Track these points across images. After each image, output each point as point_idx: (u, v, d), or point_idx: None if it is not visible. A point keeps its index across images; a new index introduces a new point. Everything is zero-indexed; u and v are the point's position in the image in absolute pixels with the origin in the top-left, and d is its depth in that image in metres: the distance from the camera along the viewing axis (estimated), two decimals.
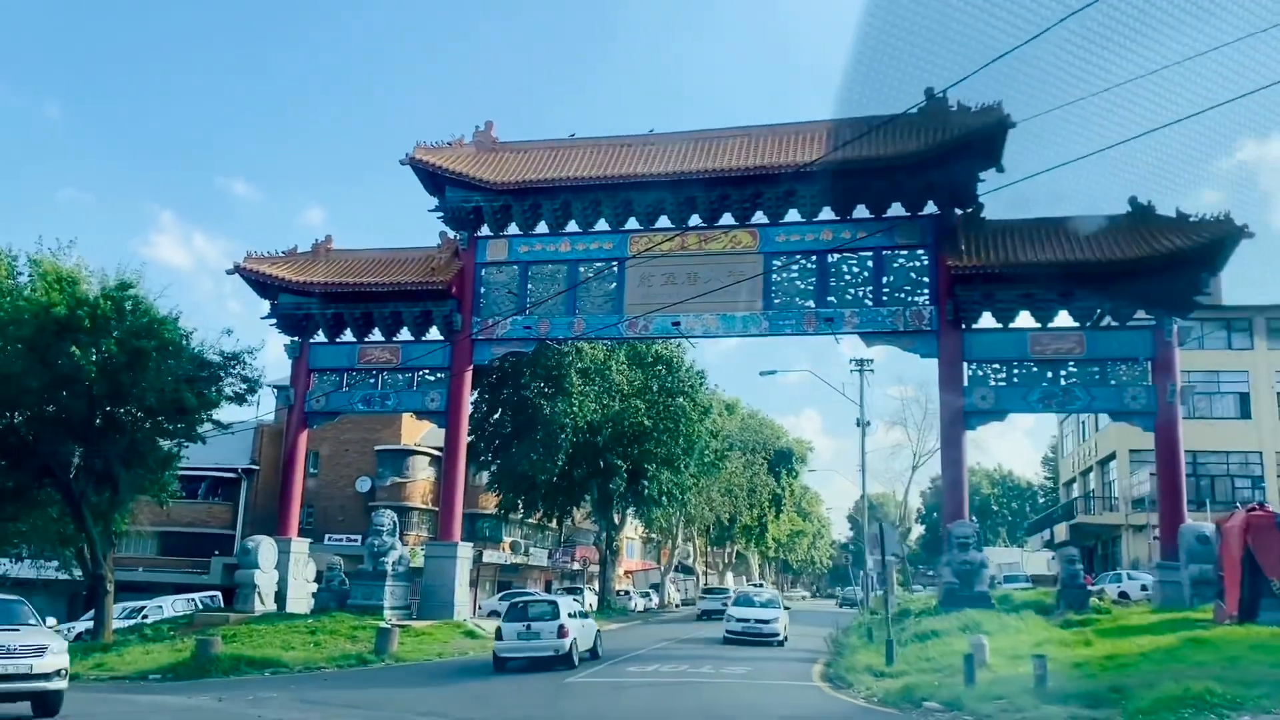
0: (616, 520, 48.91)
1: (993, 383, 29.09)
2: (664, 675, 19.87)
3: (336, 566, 32.07)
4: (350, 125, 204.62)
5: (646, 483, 44.58)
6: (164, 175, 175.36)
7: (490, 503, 52.58)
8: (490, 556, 56.29)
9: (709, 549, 75.80)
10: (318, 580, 33.52)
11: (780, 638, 29.85)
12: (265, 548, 30.98)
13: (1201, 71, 12.38)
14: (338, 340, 34.03)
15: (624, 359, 45.34)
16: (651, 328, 31.52)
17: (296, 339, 33.86)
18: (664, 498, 46.20)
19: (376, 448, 55.39)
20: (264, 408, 51.96)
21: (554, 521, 51.56)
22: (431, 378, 33.01)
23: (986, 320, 29.48)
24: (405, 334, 33.60)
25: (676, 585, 69.61)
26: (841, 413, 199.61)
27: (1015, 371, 29.02)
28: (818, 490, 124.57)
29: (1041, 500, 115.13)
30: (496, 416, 44.38)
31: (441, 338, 33.04)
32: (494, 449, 44.66)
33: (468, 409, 32.86)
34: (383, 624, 25.96)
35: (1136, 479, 50.34)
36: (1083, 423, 61.08)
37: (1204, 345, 51.87)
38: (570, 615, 22.89)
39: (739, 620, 30.22)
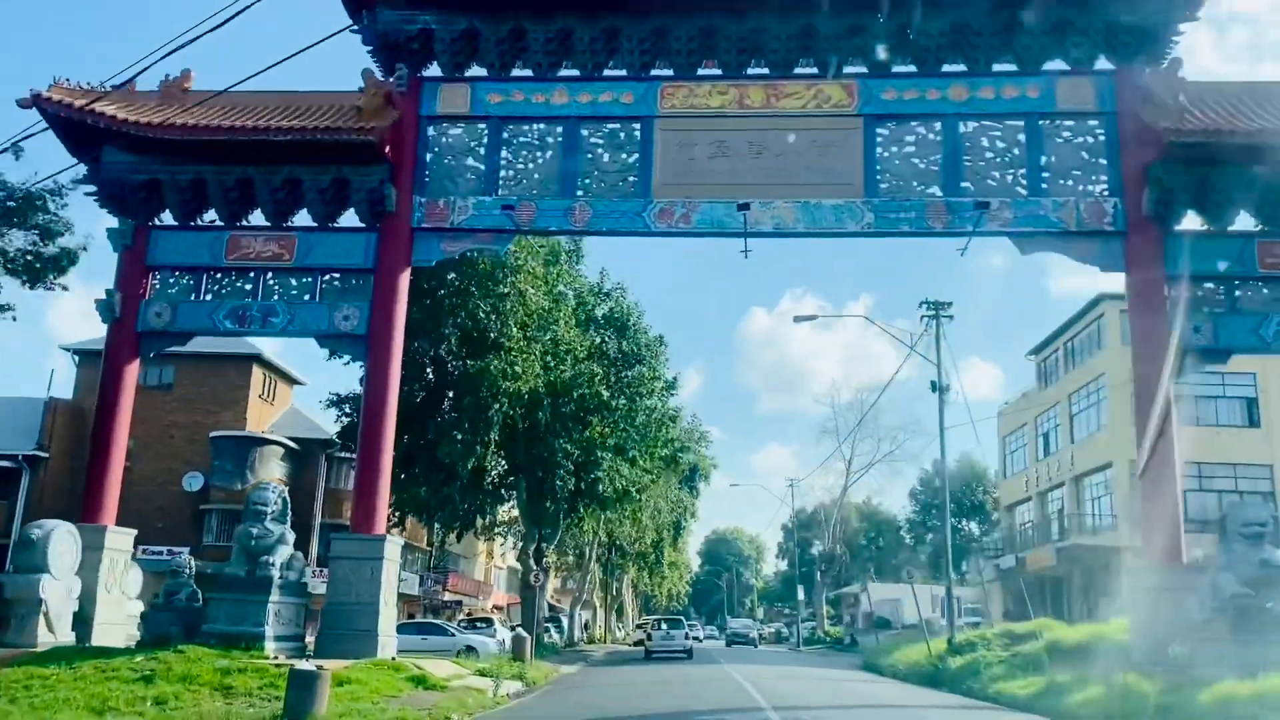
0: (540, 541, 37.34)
1: (1207, 308, 20.14)
2: None
3: (184, 570, 20.02)
4: None
5: (601, 474, 33.64)
6: None
7: None
8: None
9: (609, 579, 65.10)
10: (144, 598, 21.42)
11: None
12: (60, 540, 18.64)
13: None
14: (196, 224, 22.12)
15: (570, 313, 34.61)
16: (694, 218, 21.00)
17: (129, 220, 21.74)
18: (618, 497, 35.37)
19: (213, 434, 42.34)
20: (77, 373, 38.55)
21: (455, 532, 39.59)
22: (345, 285, 21.48)
23: (1189, 221, 20.64)
24: (305, 218, 22.04)
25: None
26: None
27: (1239, 293, 20.17)
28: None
29: (909, 538, 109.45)
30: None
31: (364, 225, 21.68)
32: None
33: (401, 332, 21.47)
34: (298, 664, 14.20)
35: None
36: (1045, 434, 54.05)
37: None
38: (689, 628, 43.22)
39: None
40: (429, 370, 32.87)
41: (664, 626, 40.52)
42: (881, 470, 75.61)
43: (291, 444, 44.14)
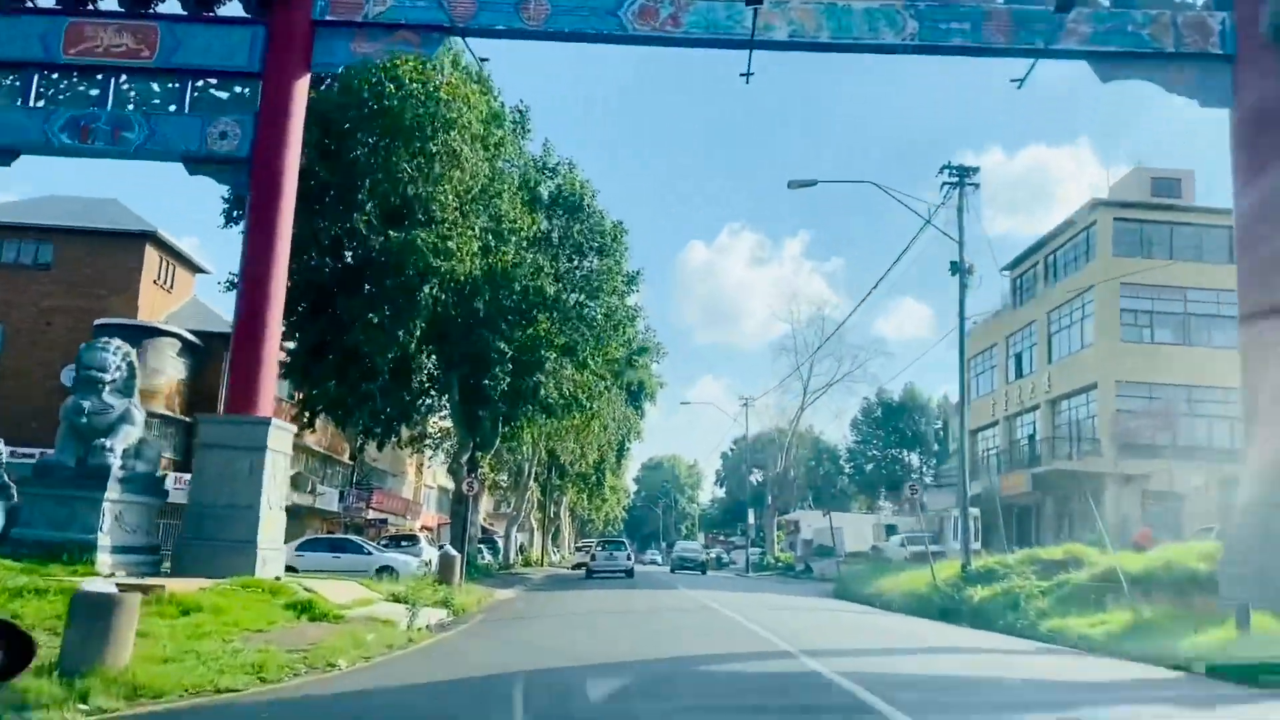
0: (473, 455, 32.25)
1: None
2: None
3: None
4: None
5: (544, 376, 28.86)
6: None
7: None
8: None
9: (547, 500, 60.79)
10: None
11: None
12: None
13: None
14: (23, 6, 16.73)
15: (515, 191, 29.54)
16: (685, 19, 16.15)
17: None
18: (565, 403, 30.59)
19: (98, 322, 36.58)
20: None
21: (374, 442, 34.60)
22: (223, 93, 16.37)
23: None
24: (173, 5, 16.81)
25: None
26: None
27: None
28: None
29: (849, 468, 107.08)
30: (308, 258, 27.36)
31: (249, 15, 16.50)
32: (296, 308, 27.59)
33: (296, 158, 16.46)
34: (91, 584, 9.41)
35: (1152, 413, 39.64)
36: (1017, 355, 50.50)
37: (1204, 257, 42.05)
38: (630, 550, 46.14)
39: None
40: (344, 246, 27.66)
41: (606, 548, 43.16)
42: (839, 392, 71.89)
43: (191, 337, 38.69)
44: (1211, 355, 40.53)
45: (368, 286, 27.25)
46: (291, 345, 29.03)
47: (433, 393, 31.92)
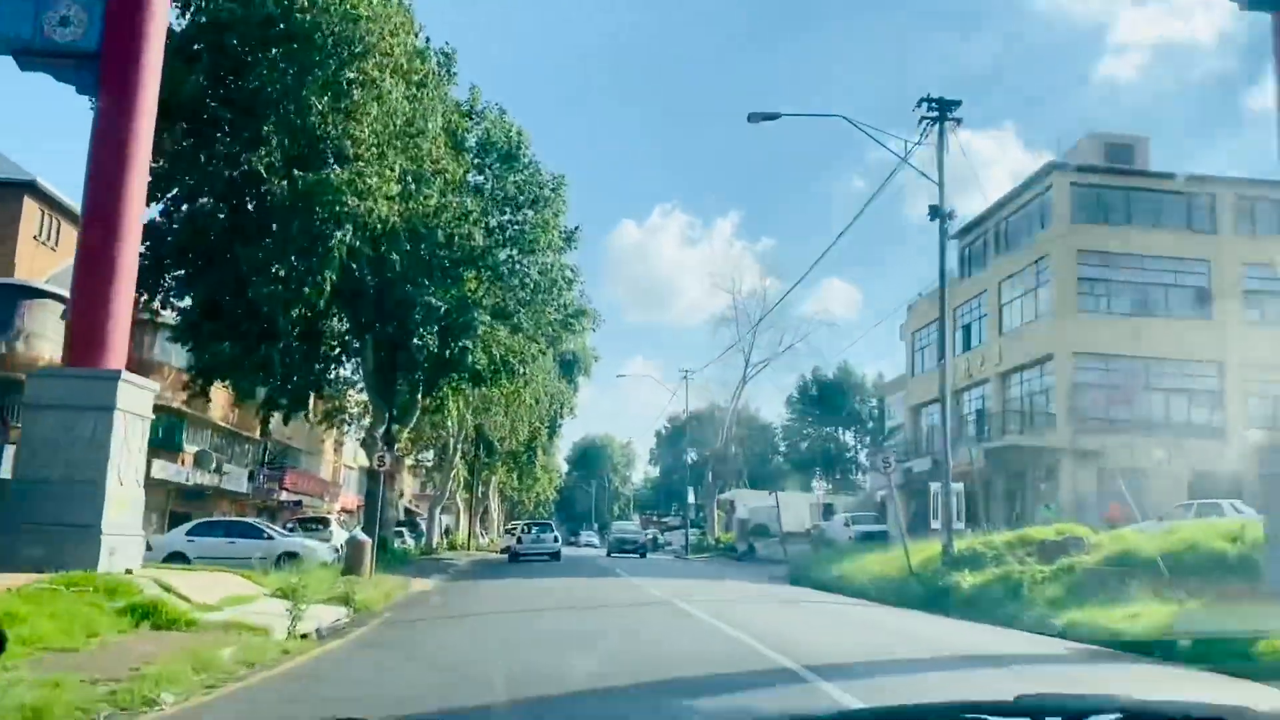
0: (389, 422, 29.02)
1: None
2: None
3: None
4: None
5: (471, 341, 25.75)
6: None
7: (164, 375, 31.66)
8: (161, 471, 34.91)
9: (474, 479, 57.62)
10: None
11: None
12: None
13: None
14: None
15: (440, 130, 26.41)
16: None
17: None
18: (495, 368, 27.49)
19: None
20: None
21: (281, 416, 31.12)
22: None
23: None
24: None
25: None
26: None
27: None
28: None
29: (783, 446, 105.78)
30: (200, 204, 24.01)
31: None
32: (187, 261, 24.27)
33: (159, 53, 13.31)
34: None
35: (1111, 386, 37.89)
36: (966, 327, 48.68)
37: (1162, 224, 40.60)
38: (557, 532, 44.16)
39: None
40: (244, 191, 24.31)
41: (533, 530, 42.84)
42: (780, 367, 69.90)
43: None
44: (1168, 325, 39.21)
45: (269, 240, 24.00)
46: (185, 305, 25.79)
47: (343, 359, 28.76)
